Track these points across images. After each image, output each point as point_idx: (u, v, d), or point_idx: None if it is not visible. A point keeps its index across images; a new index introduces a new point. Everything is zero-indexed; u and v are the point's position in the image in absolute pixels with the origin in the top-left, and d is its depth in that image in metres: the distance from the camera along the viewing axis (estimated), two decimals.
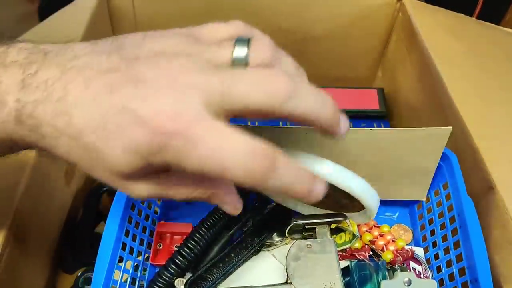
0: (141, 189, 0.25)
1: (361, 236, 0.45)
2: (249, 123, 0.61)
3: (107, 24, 0.61)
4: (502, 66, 0.53)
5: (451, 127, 0.42)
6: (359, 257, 0.44)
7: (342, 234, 0.44)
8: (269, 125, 0.41)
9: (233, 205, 0.28)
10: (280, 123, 0.62)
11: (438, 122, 0.49)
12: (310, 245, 0.39)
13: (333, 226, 0.43)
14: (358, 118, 0.62)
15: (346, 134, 0.41)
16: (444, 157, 0.45)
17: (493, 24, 0.63)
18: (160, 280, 0.39)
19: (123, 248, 0.39)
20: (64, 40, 0.51)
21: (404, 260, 0.43)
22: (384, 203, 0.49)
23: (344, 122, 0.27)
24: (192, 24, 0.66)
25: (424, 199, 0.48)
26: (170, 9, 0.61)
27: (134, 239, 0.41)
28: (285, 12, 0.62)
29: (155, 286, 0.39)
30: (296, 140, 0.43)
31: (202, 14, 0.61)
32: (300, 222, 0.41)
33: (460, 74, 0.50)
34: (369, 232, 0.45)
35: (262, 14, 0.62)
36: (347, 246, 0.44)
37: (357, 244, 0.44)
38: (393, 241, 0.44)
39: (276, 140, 0.42)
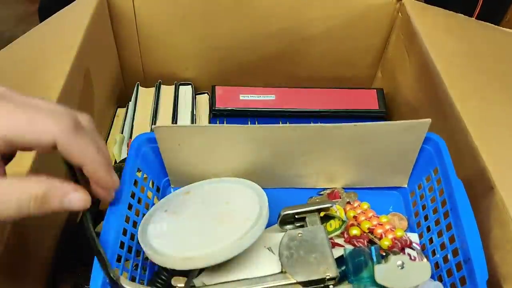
0: None
1: (359, 224, 0.45)
2: (249, 123, 0.61)
3: (107, 24, 0.61)
4: (502, 66, 0.53)
5: (429, 119, 0.43)
6: (357, 244, 0.44)
7: (331, 221, 0.45)
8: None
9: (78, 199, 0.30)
10: (281, 122, 0.62)
11: (438, 122, 0.49)
12: (301, 233, 0.39)
13: (322, 214, 0.43)
14: (357, 118, 0.63)
15: (332, 130, 0.43)
16: (432, 142, 0.46)
17: (493, 24, 0.63)
18: (158, 280, 0.39)
19: (121, 247, 0.39)
20: (63, 41, 0.51)
21: (402, 247, 0.44)
22: (378, 193, 0.51)
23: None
24: (191, 23, 0.65)
25: (406, 185, 0.50)
26: (170, 9, 0.61)
27: (132, 238, 0.41)
28: (284, 13, 0.62)
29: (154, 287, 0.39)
30: (283, 138, 0.44)
31: (202, 15, 0.62)
32: (290, 212, 0.42)
33: (460, 74, 0.50)
34: (368, 220, 0.45)
35: (260, 15, 0.62)
36: (338, 232, 0.44)
37: (356, 231, 0.45)
38: (391, 230, 0.44)
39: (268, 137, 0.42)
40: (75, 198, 0.30)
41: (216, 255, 0.35)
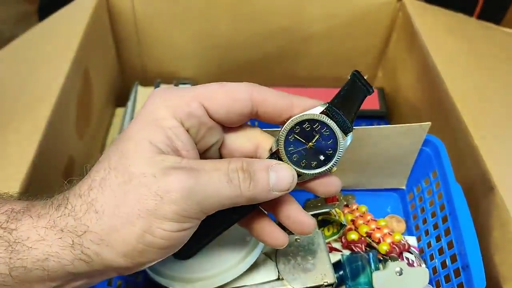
0: None
1: (357, 228, 0.45)
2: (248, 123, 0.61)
3: (106, 24, 0.61)
4: (502, 66, 0.53)
5: (429, 123, 0.43)
6: (355, 249, 0.44)
7: (330, 226, 0.45)
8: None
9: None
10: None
11: (438, 122, 0.49)
12: (299, 239, 0.39)
13: (320, 218, 0.43)
14: (358, 118, 0.62)
15: None
16: (431, 145, 0.45)
17: (493, 24, 0.63)
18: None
19: None
20: (63, 41, 0.51)
21: (400, 252, 0.44)
22: (376, 194, 0.51)
23: None
24: (190, 22, 0.65)
25: (404, 187, 0.50)
26: (169, 9, 0.61)
27: None
28: (284, 12, 0.62)
29: None
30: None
31: (201, 14, 0.61)
32: None
33: (460, 74, 0.50)
34: (366, 224, 0.45)
35: (260, 14, 0.62)
36: (336, 236, 0.44)
37: (354, 236, 0.44)
38: (390, 234, 0.44)
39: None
40: (282, 169, 0.27)
41: (216, 280, 0.35)
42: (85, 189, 0.25)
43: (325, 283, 0.36)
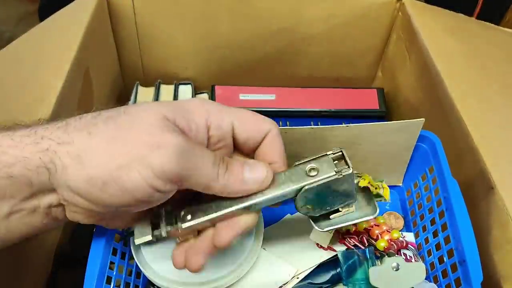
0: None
1: (356, 224, 0.45)
2: None
3: (107, 24, 0.61)
4: (502, 66, 0.53)
5: (423, 119, 0.43)
6: (350, 242, 0.43)
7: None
8: None
9: None
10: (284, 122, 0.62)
11: (438, 122, 0.49)
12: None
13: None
14: (358, 118, 0.63)
15: (324, 132, 0.43)
16: (428, 141, 0.45)
17: (493, 24, 0.63)
18: None
19: (111, 268, 0.37)
20: (63, 41, 0.51)
21: (398, 249, 0.44)
22: None
23: None
24: (191, 23, 0.64)
25: (401, 184, 0.51)
26: (169, 9, 0.61)
27: (122, 257, 0.39)
28: (284, 13, 0.62)
29: None
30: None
31: (202, 14, 0.61)
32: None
33: (460, 74, 0.50)
34: None
35: (260, 14, 0.62)
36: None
37: (349, 228, 0.44)
38: (388, 231, 0.44)
39: None
40: (257, 165, 0.30)
41: (218, 284, 0.36)
42: (89, 116, 0.27)
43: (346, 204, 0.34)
